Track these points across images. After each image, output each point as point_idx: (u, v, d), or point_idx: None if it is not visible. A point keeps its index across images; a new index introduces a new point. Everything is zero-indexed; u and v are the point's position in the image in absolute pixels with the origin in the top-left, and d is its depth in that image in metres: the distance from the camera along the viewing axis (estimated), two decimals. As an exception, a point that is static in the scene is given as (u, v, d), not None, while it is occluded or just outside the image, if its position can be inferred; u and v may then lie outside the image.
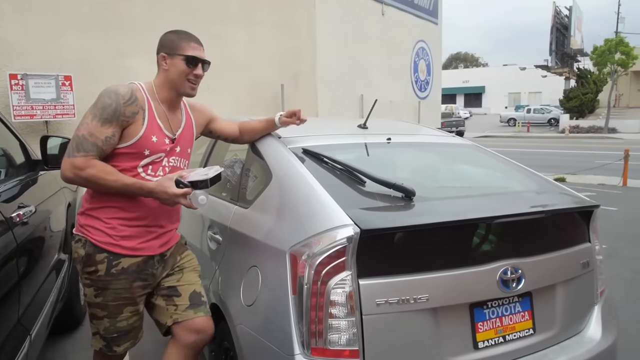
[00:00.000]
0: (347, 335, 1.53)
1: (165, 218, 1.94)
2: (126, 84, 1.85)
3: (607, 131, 26.72)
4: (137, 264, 1.86)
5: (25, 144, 2.87)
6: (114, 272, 1.82)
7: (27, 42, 5.50)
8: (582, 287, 2.02)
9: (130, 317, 1.91)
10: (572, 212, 2.08)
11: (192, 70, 1.87)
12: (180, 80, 1.87)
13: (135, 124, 1.79)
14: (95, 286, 1.84)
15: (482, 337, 1.73)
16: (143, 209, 1.85)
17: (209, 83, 6.71)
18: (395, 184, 1.76)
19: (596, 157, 14.30)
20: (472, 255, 1.78)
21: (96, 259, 1.81)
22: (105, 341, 1.91)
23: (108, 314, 1.86)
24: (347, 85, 9.95)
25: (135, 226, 1.85)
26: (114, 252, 1.82)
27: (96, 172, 1.73)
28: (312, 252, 1.55)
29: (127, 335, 1.93)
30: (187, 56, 1.86)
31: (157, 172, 1.86)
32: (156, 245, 1.92)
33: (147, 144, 1.81)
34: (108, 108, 1.73)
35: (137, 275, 1.87)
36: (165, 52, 1.87)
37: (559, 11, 31.60)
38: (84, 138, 1.72)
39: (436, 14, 14.30)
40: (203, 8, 7.02)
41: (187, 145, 2.01)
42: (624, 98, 37.38)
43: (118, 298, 1.85)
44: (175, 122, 1.95)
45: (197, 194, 1.71)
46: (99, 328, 1.90)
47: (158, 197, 1.76)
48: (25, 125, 5.47)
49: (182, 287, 2.00)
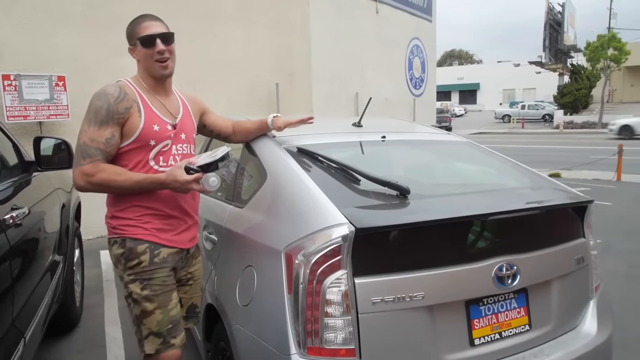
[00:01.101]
0: (343, 334, 1.52)
1: (190, 208, 1.96)
2: (113, 83, 1.84)
3: (601, 126, 26.84)
4: (172, 254, 1.90)
5: (19, 145, 2.85)
6: (157, 261, 1.84)
7: (19, 42, 5.46)
8: (577, 282, 2.03)
9: (176, 304, 1.90)
10: (567, 207, 2.08)
11: (153, 50, 1.81)
12: (149, 64, 1.84)
13: (132, 118, 1.79)
14: (140, 279, 1.83)
15: (478, 333, 1.73)
16: (167, 202, 1.87)
17: (203, 82, 6.72)
18: (390, 182, 1.76)
19: (590, 152, 14.38)
20: (467, 252, 1.79)
21: (138, 250, 1.82)
22: (161, 337, 1.85)
23: (159, 305, 1.84)
24: (342, 83, 9.94)
25: (166, 218, 1.87)
26: (154, 242, 1.84)
27: (107, 175, 1.74)
28: (307, 251, 1.54)
29: (179, 325, 1.90)
30: (140, 38, 1.82)
31: (169, 162, 1.87)
32: (186, 239, 1.96)
33: (150, 134, 1.81)
34: (101, 110, 1.74)
35: (174, 265, 1.91)
36: (130, 44, 1.86)
37: (552, 8, 31.73)
38: (86, 145, 1.74)
39: (430, 11, 14.31)
40: (197, 7, 7.00)
41: (191, 131, 2.01)
42: (617, 93, 37.54)
43: (164, 285, 1.86)
44: (172, 107, 1.94)
45: (208, 176, 1.72)
46: (151, 326, 1.84)
47: (170, 187, 1.76)
48: (18, 126, 5.44)
49: (186, 299, 2.08)
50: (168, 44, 1.84)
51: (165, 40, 1.83)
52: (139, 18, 1.86)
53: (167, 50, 1.84)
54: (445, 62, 69.27)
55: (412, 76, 13.36)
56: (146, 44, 1.81)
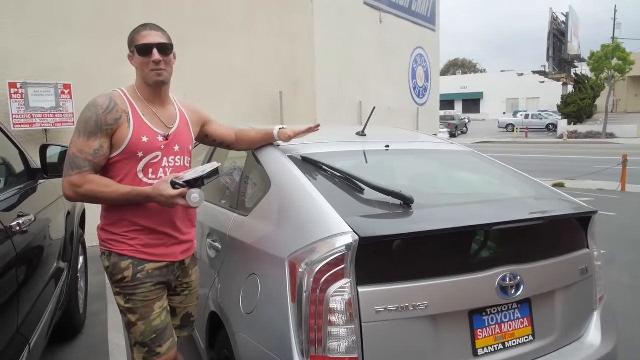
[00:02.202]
0: (347, 343, 1.52)
1: (183, 223, 1.95)
2: (106, 93, 1.83)
3: (605, 136, 26.81)
4: (160, 268, 1.89)
5: (25, 152, 2.87)
6: (139, 277, 1.84)
7: (26, 51, 5.52)
8: (581, 293, 2.02)
9: (160, 313, 1.90)
10: (570, 218, 2.08)
11: (149, 59, 1.81)
12: (145, 72, 1.84)
13: (121, 129, 1.78)
14: (124, 293, 1.86)
15: (482, 344, 1.73)
16: (157, 217, 1.86)
17: (207, 90, 6.76)
18: (393, 192, 1.77)
19: (594, 162, 14.35)
20: (471, 262, 1.79)
21: (121, 266, 1.84)
22: (145, 347, 1.88)
23: (140, 316, 1.86)
24: (345, 92, 9.97)
25: (154, 233, 1.87)
26: (137, 257, 1.85)
27: (94, 186, 1.74)
28: (311, 259, 1.55)
29: (164, 333, 1.90)
30: (138, 46, 1.82)
31: (159, 174, 1.85)
32: (178, 251, 1.95)
33: (138, 146, 1.80)
34: (89, 121, 1.74)
35: (160, 279, 1.90)
36: (129, 52, 1.86)
37: (556, 17, 31.82)
38: (75, 156, 1.74)
39: (434, 20, 14.37)
40: (202, 16, 7.06)
41: (187, 142, 1.98)
42: (621, 103, 37.55)
43: (146, 299, 1.86)
44: (167, 117, 1.92)
45: (190, 192, 1.69)
46: (136, 336, 1.88)
47: (156, 200, 1.74)
48: (24, 134, 5.48)
49: (181, 309, 2.09)
50: (165, 55, 1.83)
51: (162, 51, 1.82)
52: (140, 27, 1.87)
53: (163, 61, 1.82)
54: (449, 71, 69.41)
55: (415, 85, 13.40)
56: (143, 53, 1.81)
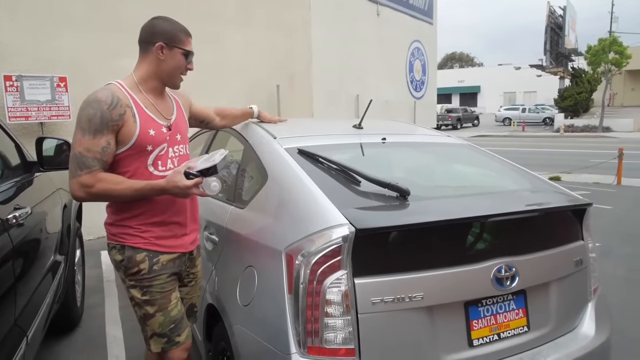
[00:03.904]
0: (343, 334, 1.54)
1: (190, 213, 1.97)
2: (103, 86, 1.77)
3: (601, 130, 26.84)
4: (173, 260, 1.92)
5: (21, 145, 2.86)
6: (156, 269, 1.86)
7: (21, 44, 5.48)
8: (575, 284, 2.04)
9: (177, 303, 1.93)
10: (565, 210, 2.09)
11: (187, 65, 1.89)
12: (175, 73, 1.87)
13: (127, 124, 1.74)
14: (140, 285, 1.86)
15: (477, 334, 1.74)
16: (167, 210, 1.87)
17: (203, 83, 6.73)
18: (390, 184, 1.77)
19: (591, 155, 14.38)
20: (467, 253, 1.80)
21: (137, 259, 1.84)
22: (164, 337, 1.89)
23: (159, 308, 1.87)
24: (343, 85, 9.97)
25: (166, 225, 1.88)
26: (152, 250, 1.85)
27: (106, 185, 1.71)
28: (307, 251, 1.56)
29: (182, 322, 1.94)
30: (186, 50, 1.86)
31: (168, 166, 1.86)
32: (187, 242, 1.98)
33: (147, 140, 1.79)
34: (94, 118, 1.68)
35: (174, 269, 1.93)
36: (164, 42, 1.82)
37: (553, 11, 31.76)
38: (82, 155, 1.69)
39: (431, 14, 14.35)
40: (198, 9, 7.02)
41: (185, 130, 2.02)
42: (618, 97, 37.60)
43: (163, 290, 1.88)
44: (165, 108, 1.92)
45: (209, 181, 1.71)
46: (154, 327, 1.88)
47: (171, 193, 1.74)
48: (20, 127, 5.45)
49: (187, 300, 2.12)
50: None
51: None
52: (179, 26, 1.89)
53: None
54: (446, 64, 69.27)
55: (412, 79, 13.40)
56: (187, 58, 1.88)
